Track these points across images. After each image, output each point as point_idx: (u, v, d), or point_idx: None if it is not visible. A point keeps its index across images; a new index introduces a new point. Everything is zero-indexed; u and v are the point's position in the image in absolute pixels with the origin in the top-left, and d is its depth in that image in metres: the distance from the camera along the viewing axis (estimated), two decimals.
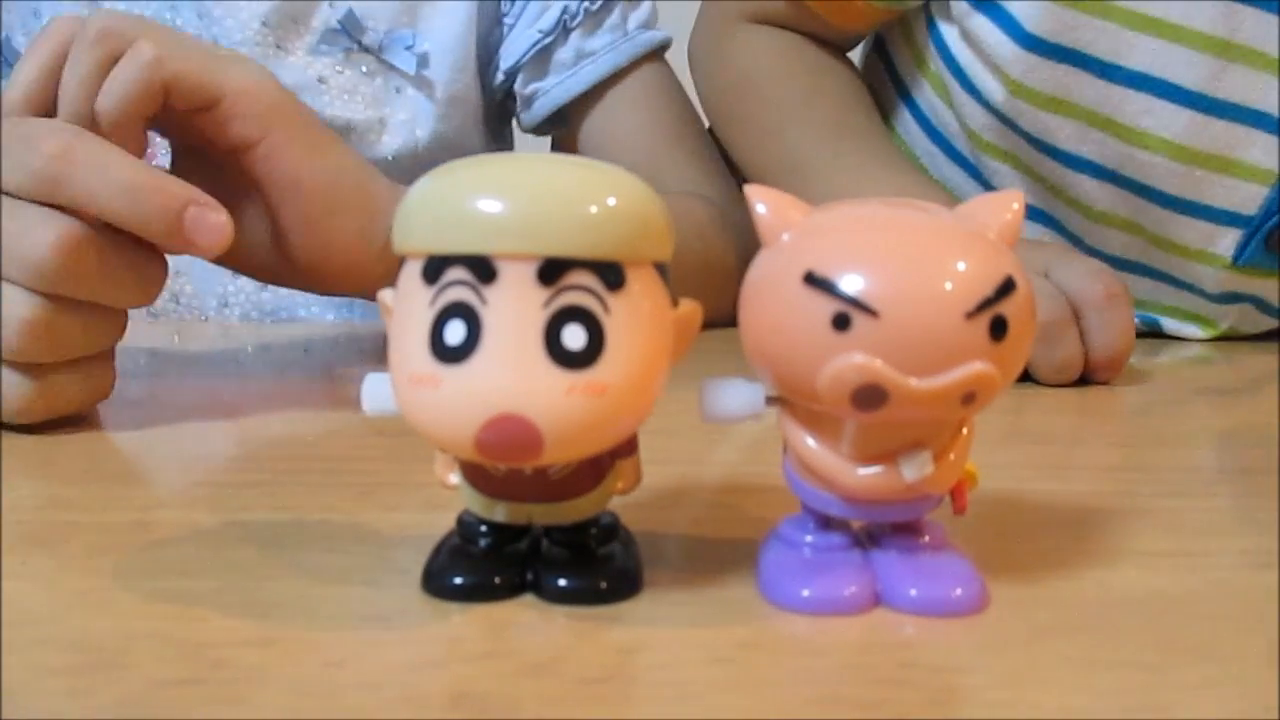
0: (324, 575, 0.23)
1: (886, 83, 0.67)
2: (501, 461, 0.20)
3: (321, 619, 0.21)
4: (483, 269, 0.19)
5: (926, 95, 0.64)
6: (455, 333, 0.19)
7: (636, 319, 0.19)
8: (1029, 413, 0.42)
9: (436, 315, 0.19)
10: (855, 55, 0.68)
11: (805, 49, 0.62)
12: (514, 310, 0.19)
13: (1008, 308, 0.19)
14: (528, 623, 0.20)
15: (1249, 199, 0.55)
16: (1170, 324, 0.62)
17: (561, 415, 0.19)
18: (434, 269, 0.19)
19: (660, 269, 0.20)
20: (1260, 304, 0.61)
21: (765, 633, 0.20)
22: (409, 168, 0.62)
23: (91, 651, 0.19)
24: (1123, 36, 0.54)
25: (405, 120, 0.61)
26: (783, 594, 0.21)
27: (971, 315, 0.19)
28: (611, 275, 0.19)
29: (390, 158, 0.61)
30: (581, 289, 0.19)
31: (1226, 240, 0.57)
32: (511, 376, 0.19)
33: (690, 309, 0.21)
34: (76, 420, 0.34)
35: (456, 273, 0.19)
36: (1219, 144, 0.55)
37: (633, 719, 0.17)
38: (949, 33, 0.60)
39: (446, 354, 0.19)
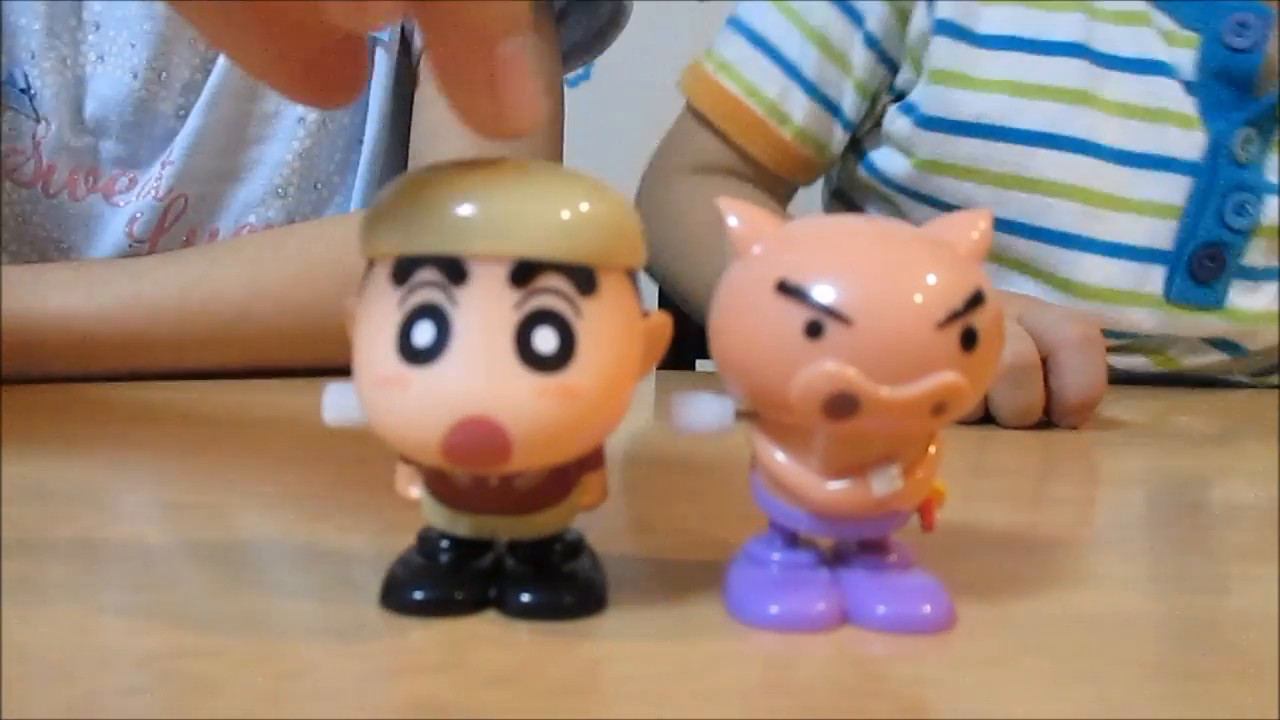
0: (277, 591, 0.22)
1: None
2: (469, 467, 0.19)
3: (273, 632, 0.20)
4: (453, 270, 0.19)
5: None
6: (424, 334, 0.18)
7: (608, 324, 0.19)
8: (991, 451, 0.42)
9: (405, 316, 0.19)
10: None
11: (739, 193, 0.66)
12: (485, 311, 0.18)
13: (978, 320, 0.19)
14: (489, 636, 0.20)
15: (1163, 234, 0.61)
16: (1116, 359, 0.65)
17: (531, 419, 0.18)
18: (403, 270, 0.19)
19: (631, 276, 0.20)
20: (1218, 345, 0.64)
21: (733, 648, 0.20)
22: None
23: (30, 662, 0.18)
24: (1011, 103, 0.62)
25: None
26: (751, 611, 0.21)
27: (942, 325, 0.19)
28: (584, 279, 0.19)
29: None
30: (553, 292, 0.19)
31: (1154, 277, 0.62)
32: (481, 378, 0.18)
33: (660, 320, 0.21)
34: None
35: (426, 274, 0.19)
36: (1124, 186, 0.61)
37: None
38: (879, 155, 0.68)
39: (414, 355, 0.18)
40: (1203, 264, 0.61)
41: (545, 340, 0.18)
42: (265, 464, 0.35)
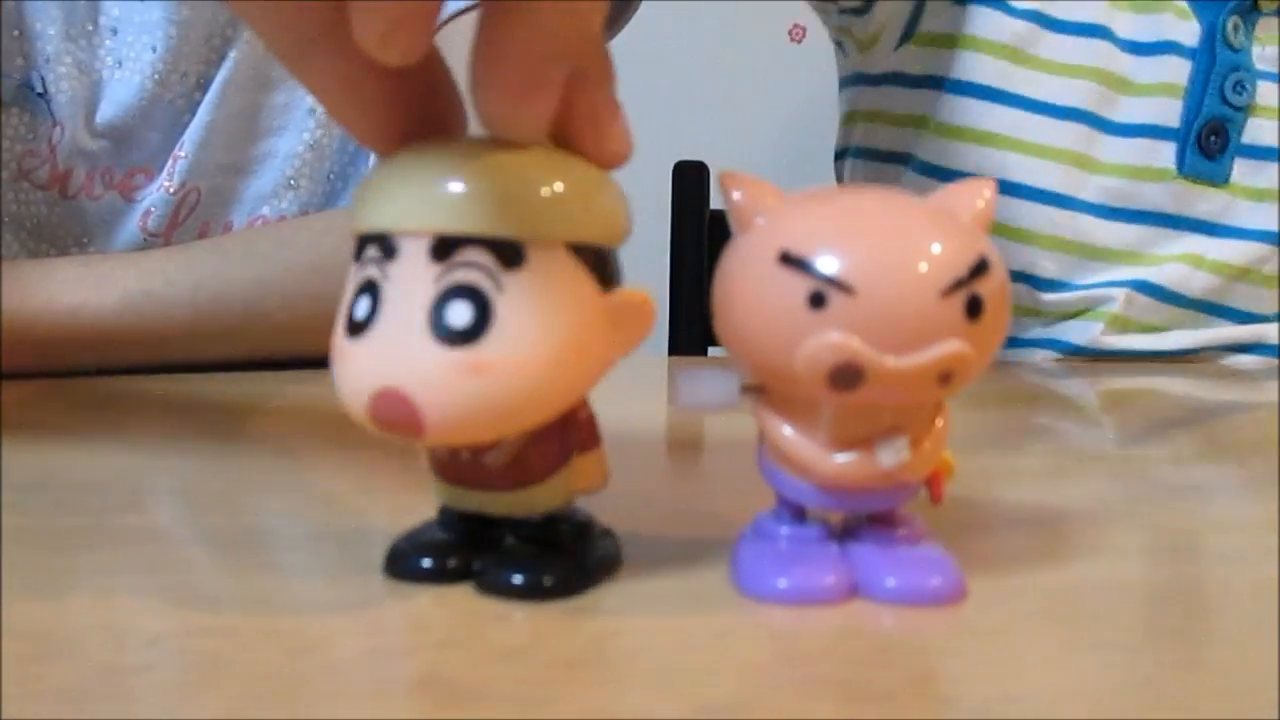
0: (286, 571, 0.22)
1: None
2: (393, 436, 0.19)
3: (283, 610, 0.20)
4: (386, 246, 0.19)
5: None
6: (362, 308, 0.19)
7: (537, 298, 0.19)
8: (1001, 425, 0.42)
9: (354, 290, 0.20)
10: None
11: None
12: (407, 286, 0.19)
13: (983, 288, 0.19)
14: (497, 613, 0.20)
15: (1171, 113, 0.66)
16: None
17: (439, 391, 0.18)
18: (359, 248, 0.20)
19: (580, 251, 0.19)
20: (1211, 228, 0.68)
21: (742, 621, 0.20)
22: None
23: (40, 640, 0.18)
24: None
25: None
26: (759, 585, 0.21)
27: (946, 294, 0.19)
28: (509, 253, 0.19)
29: None
30: (474, 266, 0.19)
31: (1166, 153, 0.67)
32: (393, 351, 0.19)
33: (631, 297, 0.20)
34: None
35: (371, 251, 0.19)
36: (1134, 71, 0.66)
37: (616, 700, 0.17)
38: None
39: (353, 328, 0.19)
40: (1209, 139, 0.67)
41: (459, 314, 0.18)
42: (278, 450, 0.35)
